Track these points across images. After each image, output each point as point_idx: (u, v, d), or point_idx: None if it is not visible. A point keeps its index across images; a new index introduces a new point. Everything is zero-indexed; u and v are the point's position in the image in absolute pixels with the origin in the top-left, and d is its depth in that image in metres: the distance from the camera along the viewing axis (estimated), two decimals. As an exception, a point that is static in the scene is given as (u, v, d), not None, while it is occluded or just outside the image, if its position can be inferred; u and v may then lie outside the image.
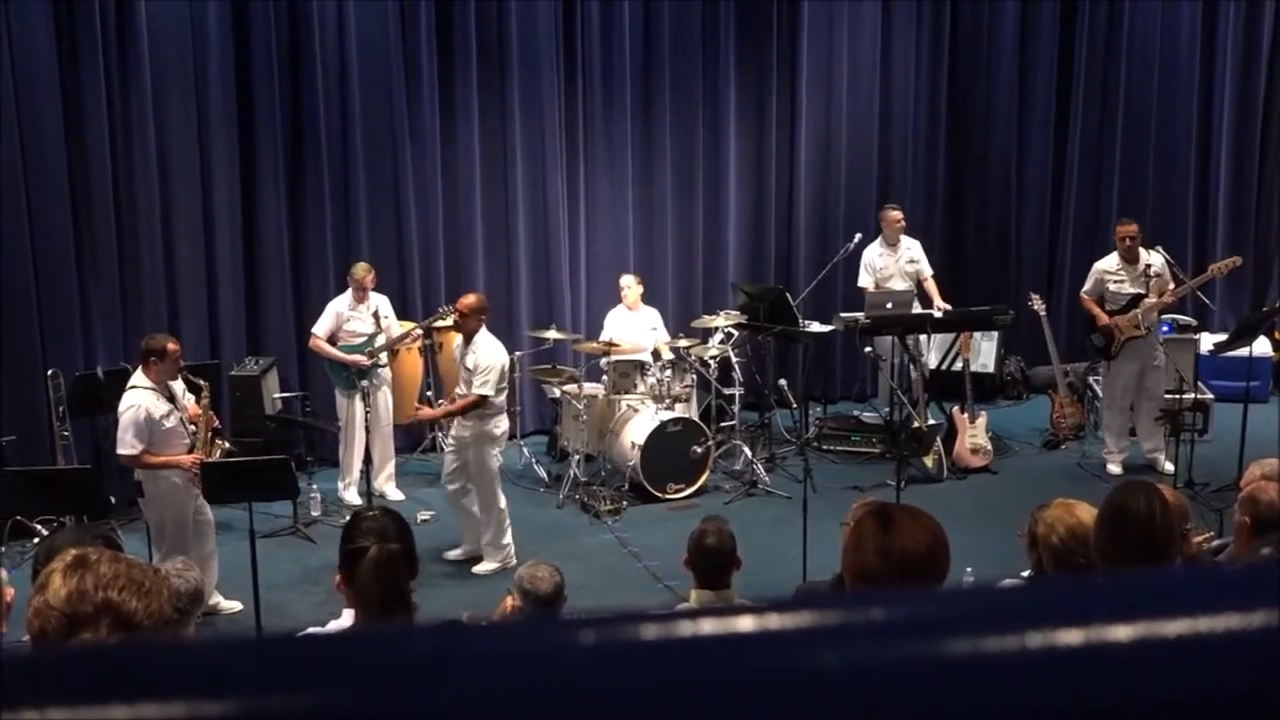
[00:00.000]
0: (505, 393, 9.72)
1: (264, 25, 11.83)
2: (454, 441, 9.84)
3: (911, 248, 12.93)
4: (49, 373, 10.59)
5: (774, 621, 0.84)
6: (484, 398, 9.45)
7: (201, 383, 8.78)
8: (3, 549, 9.94)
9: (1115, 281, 11.43)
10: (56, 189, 10.73)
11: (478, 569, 9.74)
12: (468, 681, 0.79)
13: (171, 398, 8.61)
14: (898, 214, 12.90)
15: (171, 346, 8.52)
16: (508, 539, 9.77)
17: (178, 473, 8.55)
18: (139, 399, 8.42)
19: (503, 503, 9.75)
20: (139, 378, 8.52)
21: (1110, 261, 11.51)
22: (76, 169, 10.87)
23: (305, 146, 12.21)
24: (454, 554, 9.96)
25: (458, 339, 9.87)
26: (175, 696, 0.78)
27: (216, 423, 9.03)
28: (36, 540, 10.19)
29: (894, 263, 12.83)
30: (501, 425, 9.68)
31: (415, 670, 0.80)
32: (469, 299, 9.72)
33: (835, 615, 0.86)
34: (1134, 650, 0.89)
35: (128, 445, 8.40)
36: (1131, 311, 11.32)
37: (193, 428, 8.66)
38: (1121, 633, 0.89)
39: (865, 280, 12.85)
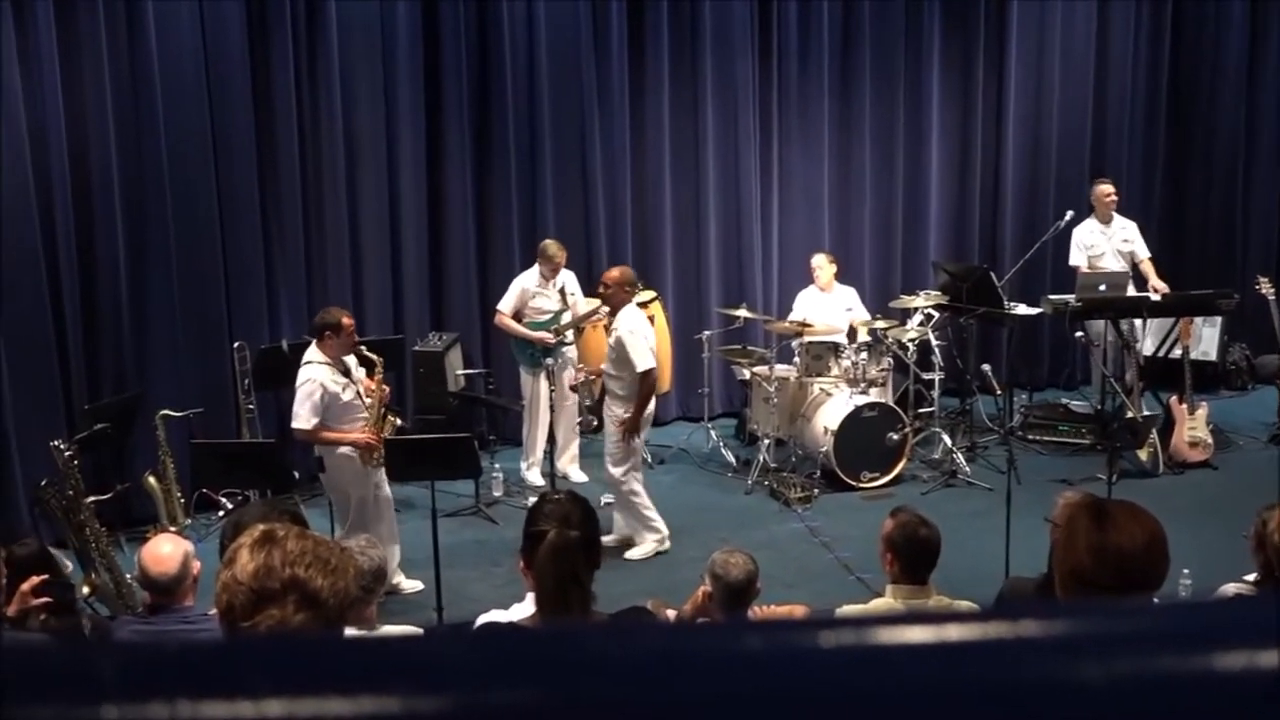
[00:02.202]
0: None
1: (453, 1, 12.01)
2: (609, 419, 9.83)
3: (1126, 227, 12.56)
4: (234, 345, 10.94)
5: (1028, 629, 0.78)
6: (650, 371, 9.40)
7: (376, 357, 8.91)
8: (189, 521, 10.29)
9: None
10: (244, 170, 11.03)
11: (629, 554, 9.73)
12: (704, 683, 0.75)
13: (346, 372, 8.78)
14: (1109, 188, 12.54)
15: (346, 321, 8.68)
16: (655, 519, 9.76)
17: (353, 449, 8.72)
18: (315, 373, 8.60)
19: (637, 483, 9.74)
20: (314, 352, 8.71)
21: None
22: (265, 149, 11.15)
23: (492, 126, 12.36)
24: (609, 539, 9.93)
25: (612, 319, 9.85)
26: (392, 690, 0.77)
27: (389, 398, 9.15)
28: (221, 513, 10.55)
29: (1107, 241, 12.47)
30: (649, 405, 9.65)
31: (645, 669, 0.76)
32: (613, 272, 9.76)
33: (1092, 623, 0.80)
34: None
35: (303, 420, 8.58)
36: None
37: (368, 402, 8.81)
38: None
39: (1077, 258, 12.52)
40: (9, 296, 9.75)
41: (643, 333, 9.50)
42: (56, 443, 8.77)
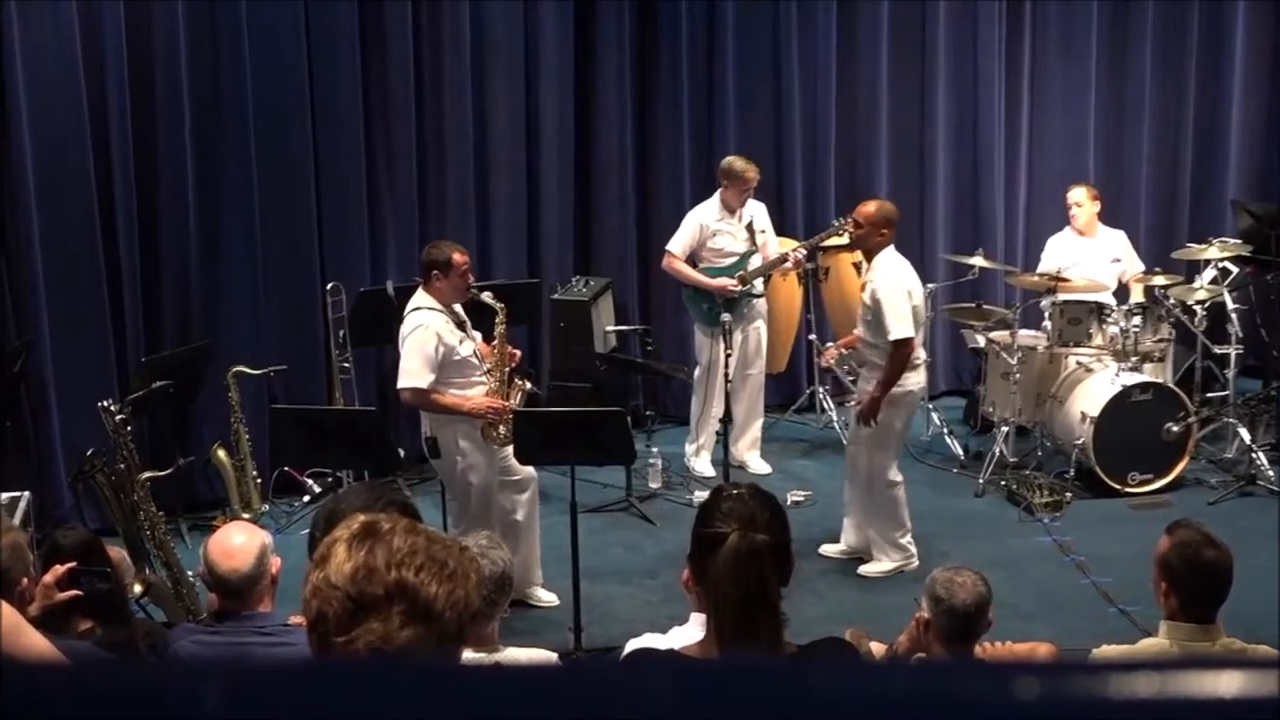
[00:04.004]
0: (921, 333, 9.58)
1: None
2: (856, 400, 9.78)
3: None
4: (328, 287, 11.12)
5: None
6: (904, 342, 9.28)
7: (498, 304, 8.90)
8: (266, 507, 10.50)
9: None
10: (346, 75, 11.21)
11: (865, 570, 9.72)
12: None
13: (461, 324, 8.86)
14: None
15: (458, 257, 8.72)
16: (907, 535, 9.72)
17: (473, 423, 8.79)
18: (428, 319, 8.66)
19: (900, 486, 9.70)
20: (421, 298, 8.78)
21: None
22: (371, 50, 11.32)
23: (659, 23, 12.44)
24: (833, 549, 9.97)
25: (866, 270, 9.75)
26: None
27: (517, 357, 9.17)
28: (306, 499, 10.76)
29: None
30: (913, 379, 9.58)
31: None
32: (869, 207, 9.58)
33: None
34: None
35: (414, 376, 8.61)
36: None
37: (486, 366, 8.89)
38: None
39: None
40: (54, 229, 10.04)
41: (905, 287, 9.35)
42: (105, 403, 8.96)
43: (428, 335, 8.59)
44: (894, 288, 9.31)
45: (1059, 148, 13.37)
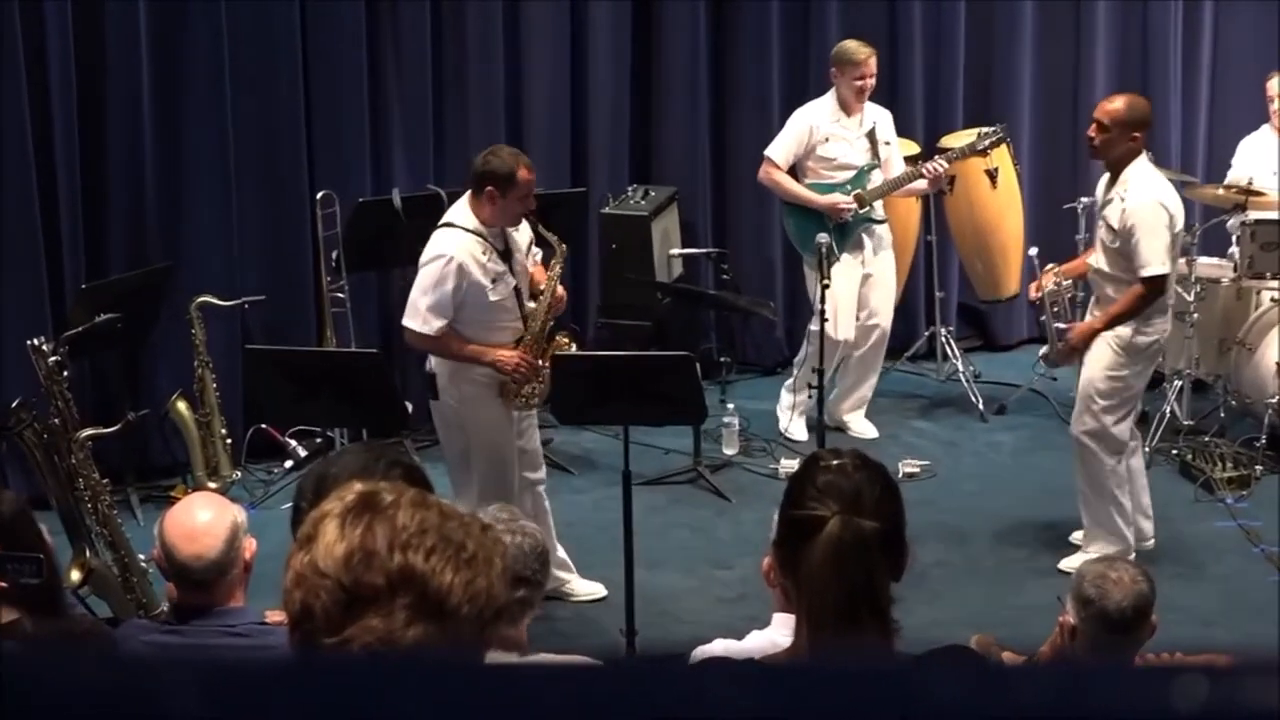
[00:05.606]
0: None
1: None
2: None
3: None
4: (318, 197, 11.12)
5: None
6: (1158, 280, 9.14)
7: (557, 242, 8.95)
8: (238, 475, 10.52)
9: None
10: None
11: (1065, 564, 9.51)
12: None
13: (506, 254, 8.82)
14: None
15: (524, 174, 8.62)
16: (1128, 525, 9.51)
17: (493, 376, 8.78)
18: (453, 246, 8.62)
19: (1137, 456, 9.59)
20: (461, 212, 8.73)
21: None
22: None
23: None
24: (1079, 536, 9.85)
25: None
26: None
27: (562, 302, 9.14)
28: (288, 465, 10.78)
29: None
30: (1160, 324, 9.36)
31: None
32: (1115, 102, 9.33)
33: None
34: None
35: (420, 317, 8.63)
36: None
37: (531, 306, 8.88)
38: None
39: None
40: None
41: (1167, 210, 9.16)
42: (35, 341, 8.85)
43: (449, 270, 8.54)
44: (1153, 210, 9.12)
45: (1246, 20, 13.28)
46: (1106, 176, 9.40)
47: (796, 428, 11.47)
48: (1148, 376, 9.64)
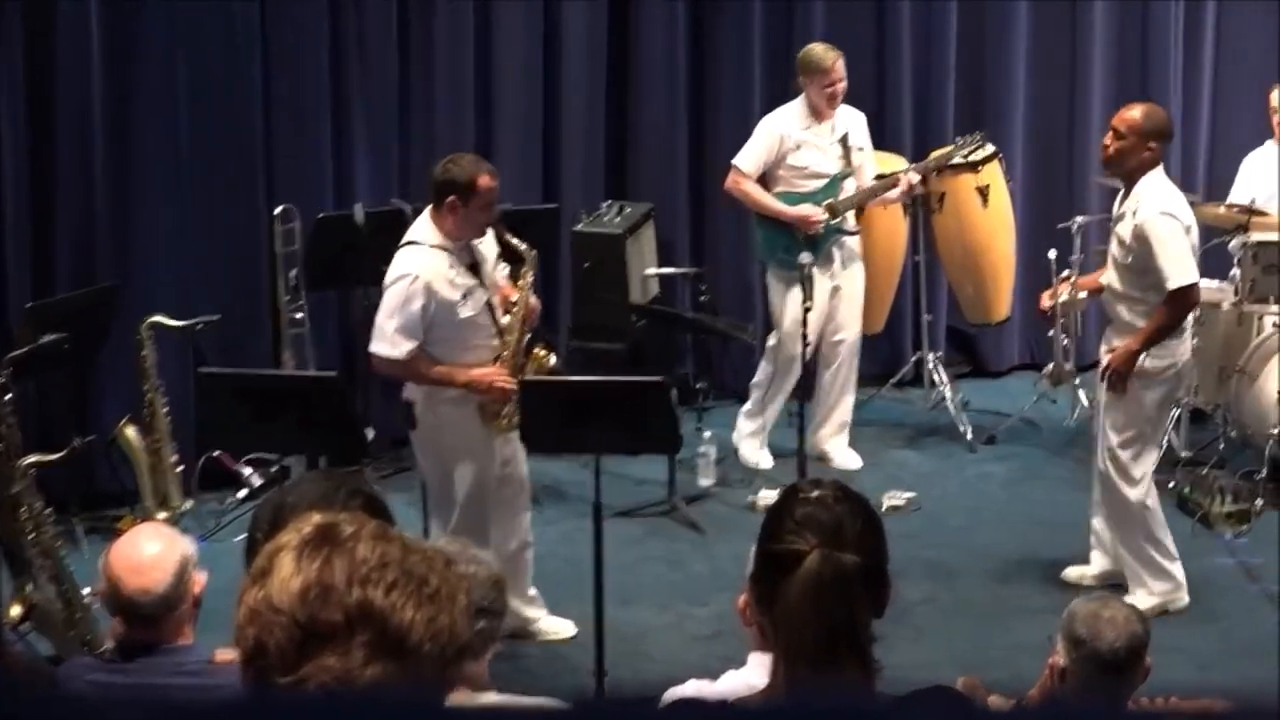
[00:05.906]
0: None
1: None
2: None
3: None
4: (276, 213, 11.12)
5: None
6: (1187, 290, 9.17)
7: (527, 249, 8.93)
8: (189, 504, 10.51)
9: None
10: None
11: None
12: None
13: (474, 267, 8.82)
14: None
15: (485, 181, 8.60)
16: (1172, 562, 9.52)
17: (470, 398, 8.77)
18: (418, 264, 8.61)
19: (1151, 494, 9.53)
20: (423, 228, 8.74)
21: None
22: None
23: None
24: (1077, 574, 9.91)
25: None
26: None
27: (536, 314, 9.14)
28: (241, 495, 10.77)
29: None
30: (1166, 350, 9.30)
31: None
32: (1133, 111, 9.37)
33: None
34: None
35: (388, 342, 8.62)
36: None
37: (505, 321, 8.87)
38: None
39: None
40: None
41: (1183, 221, 9.19)
42: (-27, 363, 8.94)
43: (415, 289, 8.53)
44: (1169, 221, 9.16)
45: (1253, 28, 13.34)
46: (1121, 191, 9.42)
47: (761, 456, 11.50)
48: (1167, 405, 9.69)
